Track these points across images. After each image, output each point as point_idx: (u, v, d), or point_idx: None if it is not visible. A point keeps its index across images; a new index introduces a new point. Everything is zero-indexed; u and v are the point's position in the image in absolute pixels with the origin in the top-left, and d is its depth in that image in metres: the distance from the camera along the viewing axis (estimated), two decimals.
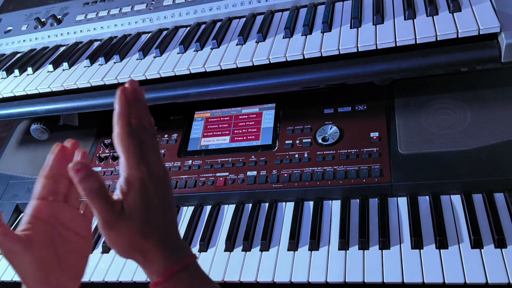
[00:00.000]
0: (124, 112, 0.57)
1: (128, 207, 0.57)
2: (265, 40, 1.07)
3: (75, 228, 0.70)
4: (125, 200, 0.57)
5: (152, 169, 0.58)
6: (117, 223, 0.56)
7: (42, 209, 0.69)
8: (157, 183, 0.58)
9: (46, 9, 1.45)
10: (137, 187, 0.57)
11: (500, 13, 0.89)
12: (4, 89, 1.22)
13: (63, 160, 0.69)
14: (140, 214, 0.57)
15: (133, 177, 0.57)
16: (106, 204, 0.56)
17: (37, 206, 0.69)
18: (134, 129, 0.57)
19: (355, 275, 0.93)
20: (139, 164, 0.57)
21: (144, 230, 0.57)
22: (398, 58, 0.94)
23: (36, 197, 0.69)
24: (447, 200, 1.02)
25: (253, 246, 1.05)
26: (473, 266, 0.88)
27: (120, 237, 0.57)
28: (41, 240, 0.66)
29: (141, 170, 0.57)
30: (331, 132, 1.18)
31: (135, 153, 0.57)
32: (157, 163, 0.59)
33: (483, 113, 1.09)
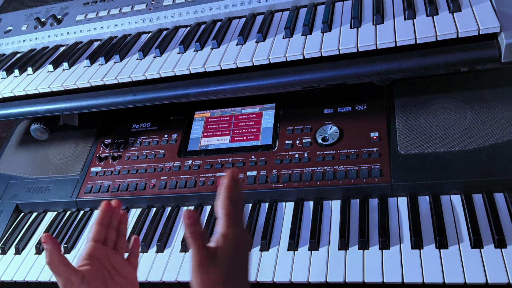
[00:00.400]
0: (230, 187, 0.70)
1: (219, 256, 0.68)
2: (265, 40, 1.07)
3: (123, 272, 0.83)
4: (218, 250, 0.68)
5: (242, 234, 0.71)
6: (208, 265, 0.67)
7: (97, 250, 0.81)
8: (245, 247, 0.72)
9: (46, 9, 1.45)
10: (230, 242, 0.69)
11: (500, 13, 0.89)
12: (4, 89, 1.22)
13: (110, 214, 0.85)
14: (228, 265, 0.68)
15: (228, 235, 0.69)
16: (204, 247, 0.68)
17: (93, 247, 0.81)
18: (235, 201, 0.70)
19: (355, 275, 0.93)
20: (235, 226, 0.69)
21: (226, 279, 0.67)
22: (398, 58, 0.94)
23: (91, 239, 0.82)
24: (447, 200, 1.02)
25: (253, 246, 1.05)
26: (473, 266, 0.88)
27: (205, 279, 0.67)
28: (95, 276, 0.77)
29: (235, 232, 0.69)
30: (331, 132, 1.18)
31: (233, 218, 0.70)
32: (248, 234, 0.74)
33: (483, 113, 1.09)
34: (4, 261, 1.22)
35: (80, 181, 1.32)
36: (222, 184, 0.71)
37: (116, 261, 0.83)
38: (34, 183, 1.37)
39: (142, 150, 1.32)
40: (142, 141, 1.35)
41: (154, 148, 1.32)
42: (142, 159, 1.30)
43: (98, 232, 0.83)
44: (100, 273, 0.79)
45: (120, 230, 0.88)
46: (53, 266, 0.74)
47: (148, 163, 1.28)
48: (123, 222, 0.89)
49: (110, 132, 1.41)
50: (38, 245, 1.21)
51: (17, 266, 1.18)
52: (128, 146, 1.35)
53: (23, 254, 1.22)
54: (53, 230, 1.25)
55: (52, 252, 0.73)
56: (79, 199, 1.29)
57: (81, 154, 1.39)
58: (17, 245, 1.23)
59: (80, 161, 1.37)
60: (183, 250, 1.09)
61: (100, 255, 0.81)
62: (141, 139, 1.35)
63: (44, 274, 1.14)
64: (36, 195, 1.34)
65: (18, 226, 1.30)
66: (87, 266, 0.78)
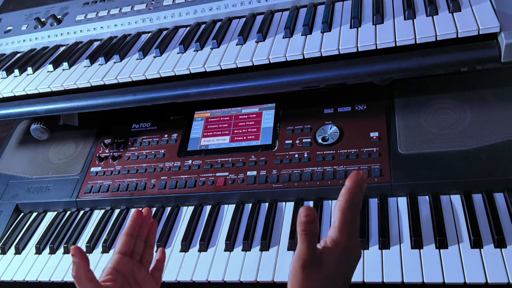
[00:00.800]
0: (354, 190, 0.66)
1: (325, 259, 0.65)
2: (265, 40, 1.07)
3: (145, 287, 0.81)
4: (324, 253, 0.65)
5: (354, 245, 0.67)
6: (311, 265, 0.64)
7: (122, 264, 0.80)
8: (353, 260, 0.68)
9: (46, 9, 1.45)
10: (338, 249, 0.65)
11: (500, 13, 0.89)
12: (4, 89, 1.22)
13: (140, 224, 0.84)
14: (331, 269, 0.65)
15: (339, 242, 0.65)
16: (312, 247, 0.64)
17: (119, 260, 0.80)
18: (355, 207, 0.66)
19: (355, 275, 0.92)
20: (347, 234, 0.66)
21: (326, 283, 0.65)
22: (398, 58, 0.94)
23: (118, 252, 0.81)
24: (447, 200, 1.02)
25: (253, 246, 1.05)
26: (473, 266, 0.88)
27: (307, 280, 0.64)
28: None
29: (347, 240, 0.66)
30: (331, 132, 1.18)
31: (349, 225, 0.66)
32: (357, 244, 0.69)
33: (483, 113, 1.09)
34: (4, 261, 1.22)
35: (80, 181, 1.32)
36: (346, 186, 0.66)
37: (141, 276, 0.82)
38: (34, 183, 1.37)
39: (142, 150, 1.32)
40: (142, 141, 1.35)
41: (154, 148, 1.32)
42: (142, 159, 1.30)
43: (126, 244, 0.82)
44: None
45: (149, 240, 0.87)
46: (79, 280, 0.73)
47: (148, 163, 1.29)
48: (152, 232, 0.88)
49: (110, 132, 1.41)
50: (38, 245, 1.21)
51: (17, 266, 1.18)
52: (128, 146, 1.35)
53: (23, 254, 1.22)
54: (53, 230, 1.25)
55: (79, 265, 0.73)
56: (79, 199, 1.29)
57: (81, 154, 1.39)
58: (17, 245, 1.23)
59: (80, 161, 1.37)
60: (183, 250, 1.10)
61: (126, 269, 0.80)
62: (141, 139, 1.35)
63: (44, 274, 1.14)
64: (36, 195, 1.34)
65: (18, 226, 1.30)
66: (111, 282, 0.77)
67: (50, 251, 1.20)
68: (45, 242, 1.22)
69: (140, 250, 0.85)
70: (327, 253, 0.65)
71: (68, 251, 1.18)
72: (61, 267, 1.14)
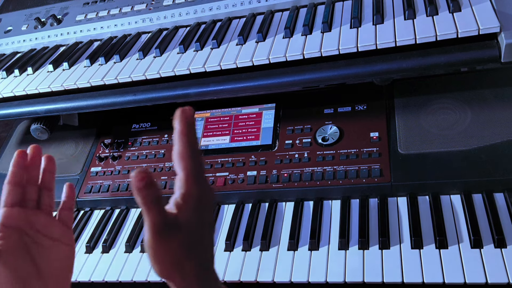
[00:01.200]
0: (186, 132, 0.55)
1: (181, 221, 0.55)
2: (265, 40, 1.07)
3: (52, 234, 0.69)
4: (179, 214, 0.55)
5: (206, 190, 0.57)
6: (168, 234, 0.54)
7: (12, 216, 0.67)
8: (209, 205, 0.58)
9: (46, 9, 1.45)
10: (193, 203, 0.56)
11: (500, 13, 0.89)
12: (4, 89, 1.22)
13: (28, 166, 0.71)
14: (192, 230, 0.55)
15: (191, 194, 0.55)
16: (161, 214, 0.54)
17: (6, 213, 0.67)
18: (194, 149, 0.56)
19: (355, 275, 0.93)
20: (197, 182, 0.56)
21: (191, 248, 0.55)
22: (398, 58, 0.94)
23: (4, 205, 0.68)
24: (447, 200, 1.02)
25: (253, 246, 1.05)
26: (473, 266, 0.88)
27: (166, 251, 0.54)
28: (14, 248, 0.65)
29: (199, 189, 0.56)
30: (331, 132, 1.18)
31: (194, 171, 0.56)
32: (209, 187, 0.58)
33: (483, 113, 1.09)
34: None
35: (80, 181, 1.32)
36: (177, 129, 0.56)
37: (41, 223, 0.69)
38: None
39: (142, 150, 1.32)
40: (142, 141, 1.35)
41: (154, 148, 1.32)
42: (142, 159, 1.30)
43: (11, 194, 0.69)
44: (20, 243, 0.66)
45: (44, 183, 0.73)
46: None
47: (148, 163, 1.29)
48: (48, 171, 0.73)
49: (110, 132, 1.41)
50: None
51: None
52: (128, 146, 1.35)
53: None
54: None
55: None
56: (79, 199, 1.29)
57: (81, 154, 1.39)
58: None
59: (80, 161, 1.37)
60: None
61: (18, 221, 0.67)
62: (141, 139, 1.35)
63: None
64: None
65: None
66: (1, 240, 0.65)
67: None
68: None
69: (34, 196, 0.71)
70: (182, 211, 0.55)
71: None
72: None
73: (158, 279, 1.04)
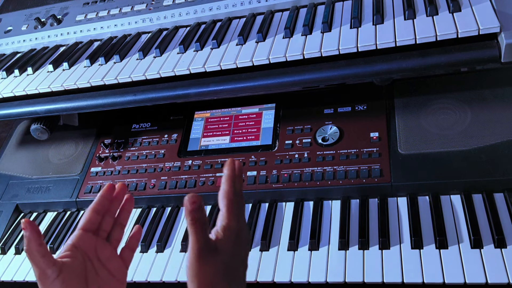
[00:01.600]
0: (233, 176, 0.67)
1: (220, 247, 0.64)
2: (265, 40, 1.07)
3: (110, 268, 0.75)
4: (218, 242, 0.64)
5: (244, 229, 0.68)
6: (207, 256, 0.62)
7: (84, 240, 0.74)
8: (244, 241, 0.68)
9: (46, 9, 1.45)
10: (231, 235, 0.65)
11: (500, 13, 0.89)
12: (4, 89, 1.22)
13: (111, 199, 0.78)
14: (228, 257, 0.64)
15: (230, 227, 0.65)
16: (205, 237, 0.63)
17: (80, 236, 0.74)
18: (238, 192, 0.66)
19: (355, 275, 0.93)
20: (237, 219, 0.66)
21: (225, 274, 0.63)
22: (398, 58, 0.94)
23: (80, 228, 0.75)
24: (447, 200, 1.02)
25: (253, 246, 1.05)
26: (473, 266, 0.88)
27: (204, 272, 0.62)
28: (76, 269, 0.71)
29: (237, 225, 0.66)
30: (331, 132, 1.18)
31: (235, 210, 0.66)
32: (247, 226, 0.69)
33: (483, 113, 1.09)
34: (4, 261, 1.22)
35: (80, 181, 1.32)
36: (225, 174, 0.67)
37: (104, 254, 0.75)
38: (34, 183, 1.37)
39: (142, 150, 1.32)
40: (142, 141, 1.35)
41: (154, 148, 1.32)
42: (142, 159, 1.30)
43: (90, 220, 0.75)
44: (82, 267, 0.72)
45: (119, 218, 0.80)
46: (30, 255, 0.67)
47: (148, 163, 1.29)
48: (125, 209, 0.80)
49: (110, 132, 1.41)
50: None
51: (17, 266, 1.18)
52: (128, 146, 1.35)
53: (23, 254, 1.22)
54: (53, 230, 1.25)
55: (31, 239, 0.67)
56: (79, 199, 1.29)
57: (81, 154, 1.39)
58: (17, 245, 1.23)
59: (80, 161, 1.37)
60: (183, 250, 1.09)
61: (87, 246, 0.73)
62: (141, 139, 1.35)
63: None
64: (36, 195, 1.34)
65: (18, 226, 1.30)
66: (69, 258, 0.70)
67: (50, 251, 1.20)
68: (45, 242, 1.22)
69: (108, 228, 0.77)
70: (221, 240, 0.64)
71: None
72: None
73: (157, 279, 1.05)
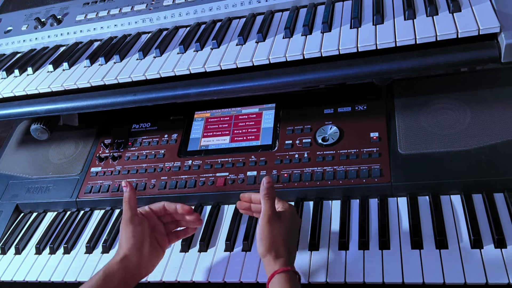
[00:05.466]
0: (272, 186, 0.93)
1: (282, 218, 0.92)
2: (265, 40, 1.07)
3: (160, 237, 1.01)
4: (281, 213, 0.93)
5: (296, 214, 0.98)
6: (274, 222, 0.89)
7: (158, 211, 1.02)
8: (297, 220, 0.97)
9: (46, 9, 1.45)
10: (289, 212, 0.94)
11: (500, 13, 0.89)
12: (4, 89, 1.22)
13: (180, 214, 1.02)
14: (287, 226, 0.91)
15: (287, 207, 0.96)
16: (274, 207, 0.92)
17: (158, 207, 1.01)
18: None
19: (355, 275, 0.93)
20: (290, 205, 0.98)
21: (285, 236, 0.90)
22: (398, 58, 0.94)
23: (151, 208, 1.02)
24: (447, 200, 1.02)
25: (253, 246, 1.05)
26: (473, 266, 0.88)
27: (271, 231, 0.88)
28: (146, 225, 0.98)
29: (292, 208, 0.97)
30: (331, 132, 1.18)
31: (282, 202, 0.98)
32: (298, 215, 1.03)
33: (483, 113, 1.09)
34: (4, 261, 1.22)
35: (80, 181, 1.32)
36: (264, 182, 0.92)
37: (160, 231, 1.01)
38: (34, 183, 1.37)
39: (142, 150, 1.32)
40: (142, 141, 1.35)
41: (154, 148, 1.32)
42: (142, 159, 1.30)
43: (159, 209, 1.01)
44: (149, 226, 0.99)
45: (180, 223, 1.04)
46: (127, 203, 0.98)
47: (148, 163, 1.29)
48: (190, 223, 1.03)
49: (110, 132, 1.41)
50: (38, 245, 1.21)
51: (17, 266, 1.19)
52: (128, 146, 1.35)
53: (23, 254, 1.22)
54: (53, 230, 1.25)
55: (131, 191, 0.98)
56: (79, 199, 1.29)
57: (81, 154, 1.39)
58: (17, 245, 1.23)
59: (80, 161, 1.37)
60: (183, 250, 1.10)
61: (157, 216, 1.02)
62: (141, 139, 1.35)
63: (44, 274, 1.14)
64: (36, 195, 1.34)
65: (18, 226, 1.30)
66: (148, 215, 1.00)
67: (50, 251, 1.20)
68: (45, 242, 1.22)
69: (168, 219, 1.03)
70: (283, 213, 0.93)
71: (68, 252, 1.18)
72: (61, 267, 1.14)
73: (157, 279, 1.04)
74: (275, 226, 0.89)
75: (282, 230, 0.89)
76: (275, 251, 0.87)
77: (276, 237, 0.88)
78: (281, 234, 0.89)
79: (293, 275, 0.86)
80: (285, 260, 0.87)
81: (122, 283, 0.92)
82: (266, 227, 0.88)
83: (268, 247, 0.88)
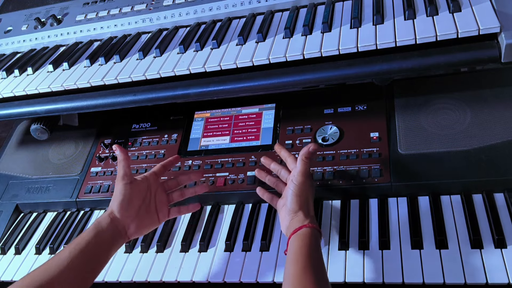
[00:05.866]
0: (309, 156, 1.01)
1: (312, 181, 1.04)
2: (265, 40, 1.07)
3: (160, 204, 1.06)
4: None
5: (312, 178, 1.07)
6: (309, 181, 0.99)
7: (152, 178, 1.06)
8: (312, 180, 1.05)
9: (46, 9, 1.45)
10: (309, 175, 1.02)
11: (500, 13, 0.89)
12: (4, 89, 1.22)
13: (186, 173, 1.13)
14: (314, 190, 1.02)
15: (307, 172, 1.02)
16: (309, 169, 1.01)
17: (151, 174, 1.07)
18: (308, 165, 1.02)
19: (355, 275, 0.93)
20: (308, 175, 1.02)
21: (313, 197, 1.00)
22: (398, 58, 0.94)
23: (153, 170, 1.08)
24: (447, 200, 1.02)
25: (253, 246, 1.05)
26: (473, 266, 0.88)
27: (306, 191, 0.97)
28: (140, 188, 1.03)
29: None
30: (331, 132, 1.18)
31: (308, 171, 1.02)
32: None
33: (483, 113, 1.09)
34: (4, 261, 1.22)
35: (80, 181, 1.32)
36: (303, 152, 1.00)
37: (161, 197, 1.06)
38: (34, 183, 1.37)
39: (142, 150, 1.32)
40: (142, 141, 1.35)
41: (154, 148, 1.32)
42: (142, 159, 1.30)
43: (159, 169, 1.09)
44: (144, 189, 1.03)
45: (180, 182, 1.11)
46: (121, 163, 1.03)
47: (148, 163, 1.29)
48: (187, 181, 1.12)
49: (110, 132, 1.41)
50: (38, 245, 1.21)
51: (17, 266, 1.19)
52: (128, 146, 1.35)
53: (23, 254, 1.22)
54: (53, 230, 1.25)
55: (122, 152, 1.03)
56: (79, 199, 1.29)
57: (81, 154, 1.39)
58: (17, 245, 1.23)
59: (80, 161, 1.37)
60: (183, 251, 1.10)
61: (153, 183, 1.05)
62: (141, 139, 1.35)
63: None
64: (36, 195, 1.34)
65: (18, 226, 1.30)
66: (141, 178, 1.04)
67: (50, 251, 1.20)
68: (45, 242, 1.22)
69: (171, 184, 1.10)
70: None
71: None
72: None
73: (157, 279, 1.04)
74: (308, 186, 0.98)
75: (312, 191, 1.00)
76: (307, 209, 0.95)
77: (309, 196, 0.97)
78: (311, 194, 0.99)
79: (319, 234, 0.92)
80: (314, 219, 0.95)
81: (111, 238, 0.95)
82: (303, 184, 0.97)
83: (302, 204, 0.95)
